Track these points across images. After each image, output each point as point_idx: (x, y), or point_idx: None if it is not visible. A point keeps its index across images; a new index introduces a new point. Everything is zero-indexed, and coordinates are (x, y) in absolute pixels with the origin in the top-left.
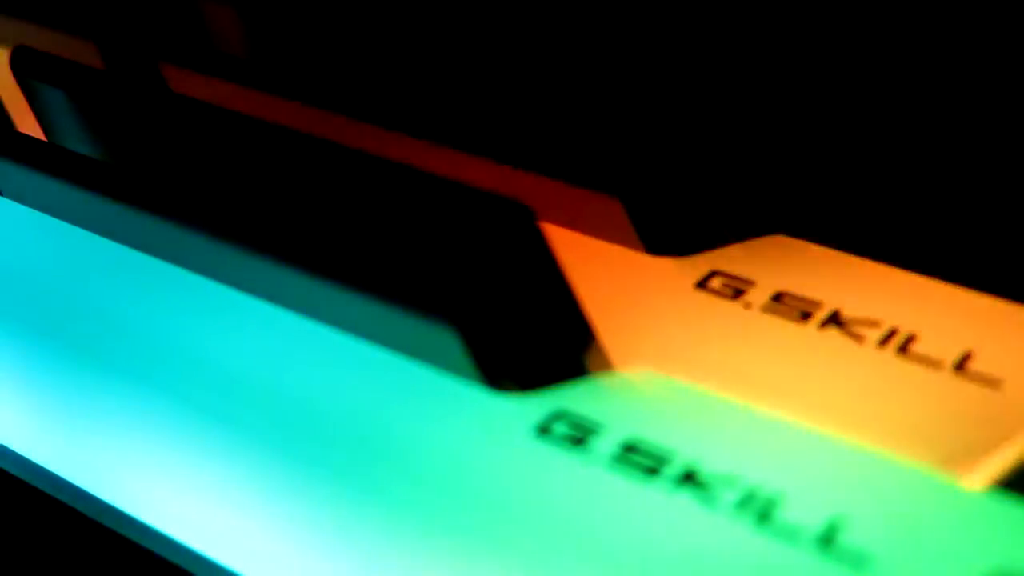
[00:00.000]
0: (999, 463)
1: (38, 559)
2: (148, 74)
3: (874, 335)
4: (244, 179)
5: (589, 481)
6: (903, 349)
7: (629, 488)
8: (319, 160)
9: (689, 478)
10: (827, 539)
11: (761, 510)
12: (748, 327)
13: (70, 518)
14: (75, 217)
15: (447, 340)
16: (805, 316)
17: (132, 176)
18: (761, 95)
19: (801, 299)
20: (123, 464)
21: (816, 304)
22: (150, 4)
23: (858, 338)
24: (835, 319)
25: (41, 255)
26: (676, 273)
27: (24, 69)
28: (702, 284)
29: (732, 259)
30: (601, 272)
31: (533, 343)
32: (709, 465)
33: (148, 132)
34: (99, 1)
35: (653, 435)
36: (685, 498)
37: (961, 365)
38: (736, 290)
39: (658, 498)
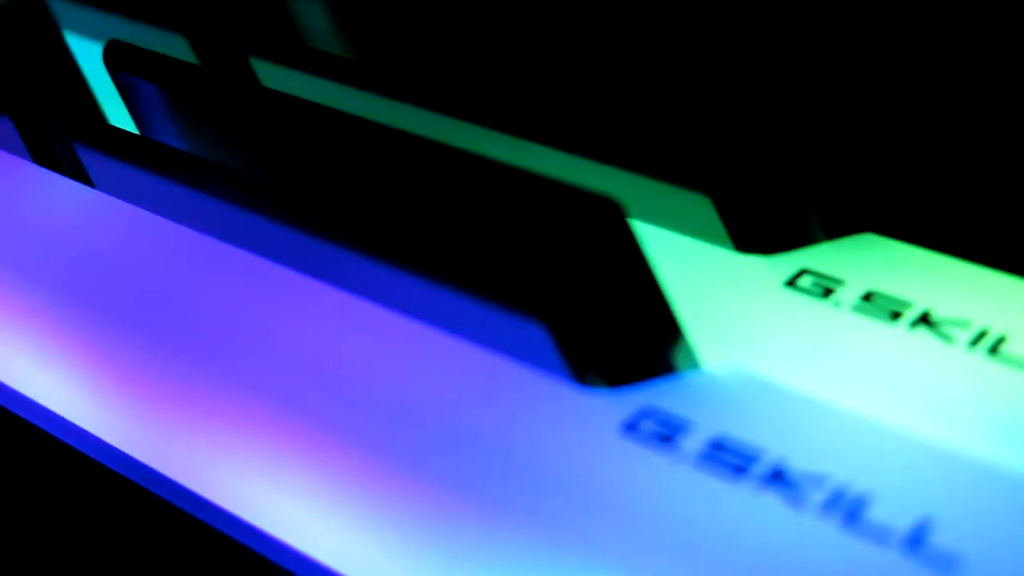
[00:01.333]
0: None
1: (137, 554)
2: (239, 68)
3: (964, 336)
4: (335, 174)
5: (676, 479)
6: (994, 350)
7: (716, 486)
8: (409, 155)
9: (777, 477)
10: (915, 540)
11: (848, 510)
12: (837, 326)
13: (170, 515)
14: (166, 210)
15: (537, 336)
16: (895, 316)
17: (222, 170)
18: (851, 92)
19: (891, 298)
20: (221, 460)
21: (906, 304)
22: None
23: (948, 338)
24: (925, 319)
25: (133, 247)
26: (765, 271)
27: (117, 63)
28: (791, 282)
29: (822, 257)
30: (690, 269)
31: (622, 339)
32: (797, 464)
33: (238, 126)
34: None
35: (741, 433)
36: (772, 497)
37: None
38: (826, 289)
39: (745, 497)
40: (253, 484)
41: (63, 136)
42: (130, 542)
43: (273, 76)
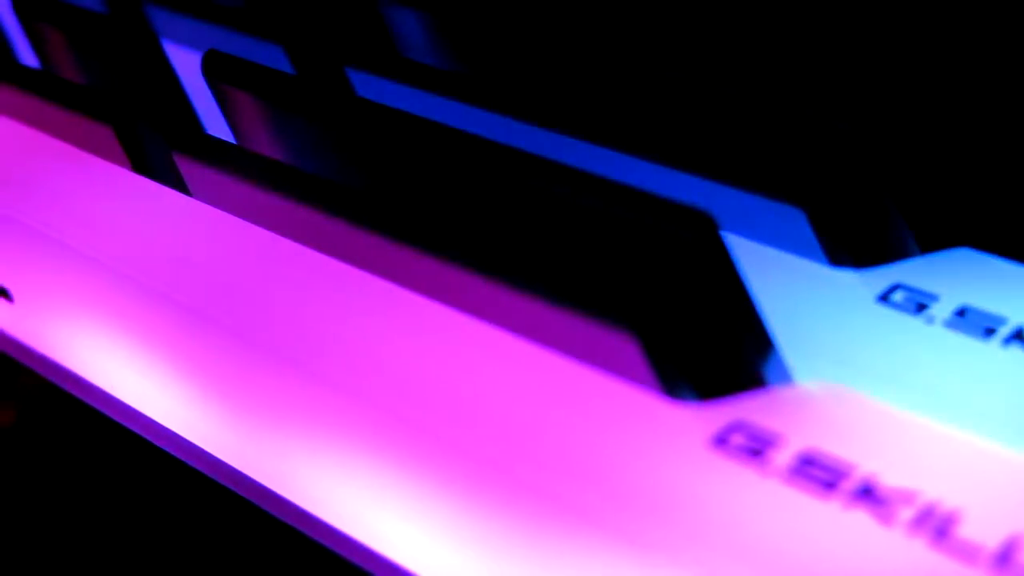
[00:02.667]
0: None
1: (223, 555)
2: (335, 79)
3: None
4: (428, 185)
5: (765, 493)
6: None
7: (805, 502)
8: (502, 167)
9: (867, 493)
10: (1004, 558)
11: (938, 527)
12: (930, 341)
13: (258, 518)
14: (262, 218)
15: (627, 348)
16: (989, 332)
17: (317, 180)
18: (949, 106)
19: (985, 315)
20: (314, 467)
21: (1001, 320)
22: (337, 9)
23: None
24: (1019, 335)
25: (228, 255)
26: (858, 285)
27: (215, 73)
28: (884, 297)
29: (916, 272)
30: (783, 282)
31: (713, 352)
32: (887, 480)
33: (333, 136)
34: (288, 6)
35: (832, 448)
36: (861, 514)
37: None
38: (919, 304)
39: (834, 513)
40: (344, 491)
41: (161, 145)
42: (224, 546)
43: (368, 86)
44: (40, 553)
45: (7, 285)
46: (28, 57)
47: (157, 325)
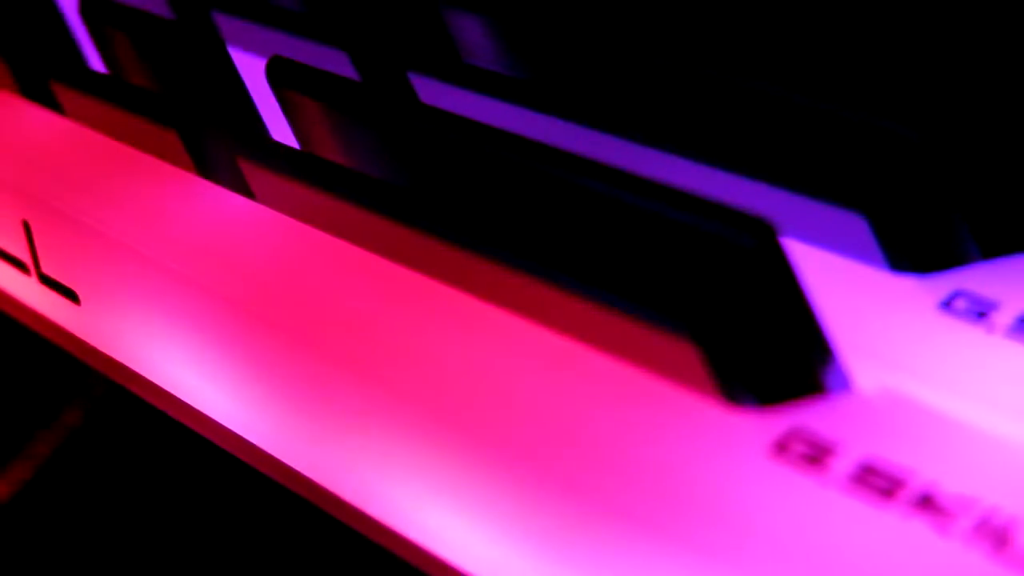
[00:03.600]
0: None
1: (287, 559)
2: (398, 84)
3: None
4: (492, 191)
5: (824, 501)
6: None
7: (864, 510)
8: (563, 172)
9: (926, 501)
10: None
11: (998, 536)
12: (991, 349)
13: (320, 519)
14: (326, 223)
15: (685, 353)
16: None
17: (381, 185)
18: (1012, 108)
19: None
20: (377, 472)
21: None
22: (401, 15)
23: None
24: None
25: (293, 260)
26: (919, 291)
27: (279, 78)
28: (946, 304)
29: (978, 278)
30: (843, 288)
31: (772, 358)
32: (946, 488)
33: (397, 142)
34: (351, 12)
35: (891, 456)
36: (920, 523)
37: None
38: (980, 312)
39: (893, 522)
40: (406, 496)
41: (226, 150)
42: (285, 547)
43: (432, 92)
44: (106, 552)
45: (74, 287)
46: (96, 62)
47: (220, 328)
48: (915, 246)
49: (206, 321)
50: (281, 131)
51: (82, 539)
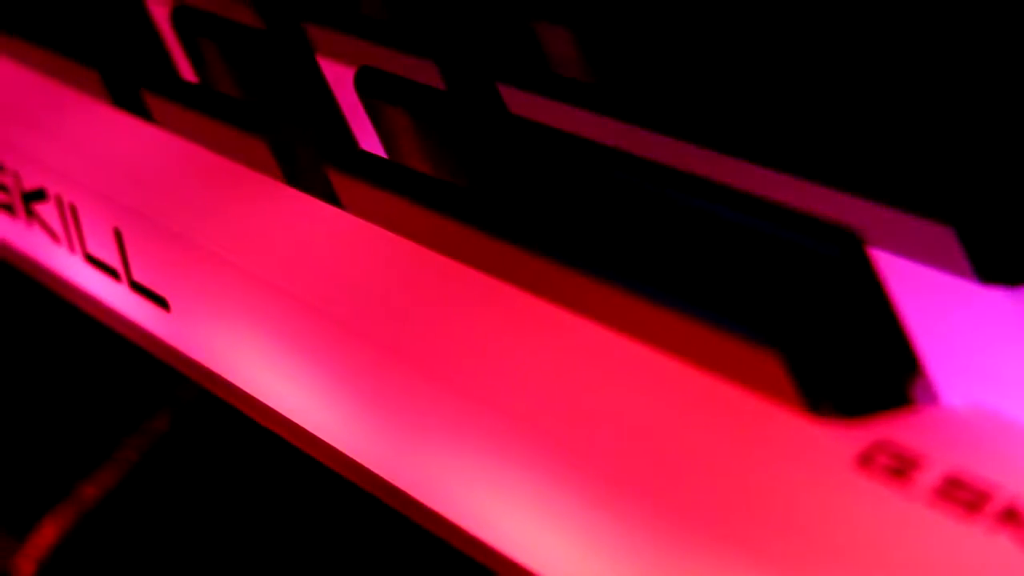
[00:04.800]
0: None
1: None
2: (486, 94)
3: None
4: (579, 201)
5: (908, 515)
6: None
7: (948, 524)
8: (650, 182)
9: (1010, 516)
10: None
11: None
12: None
13: (404, 526)
14: (413, 232)
15: (769, 363)
16: None
17: (468, 194)
18: None
19: None
20: (461, 479)
21: None
22: (489, 26)
23: None
24: None
25: (380, 268)
26: (1007, 303)
27: (367, 88)
28: None
29: None
30: (930, 300)
31: (857, 370)
32: None
33: (485, 152)
34: (440, 22)
35: (977, 470)
36: (1004, 538)
37: None
38: None
39: (977, 536)
40: (488, 502)
41: (314, 159)
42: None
43: (520, 102)
44: (192, 556)
45: (164, 294)
46: (186, 71)
47: (307, 335)
48: (1004, 258)
49: (293, 328)
50: (369, 140)
51: (168, 543)
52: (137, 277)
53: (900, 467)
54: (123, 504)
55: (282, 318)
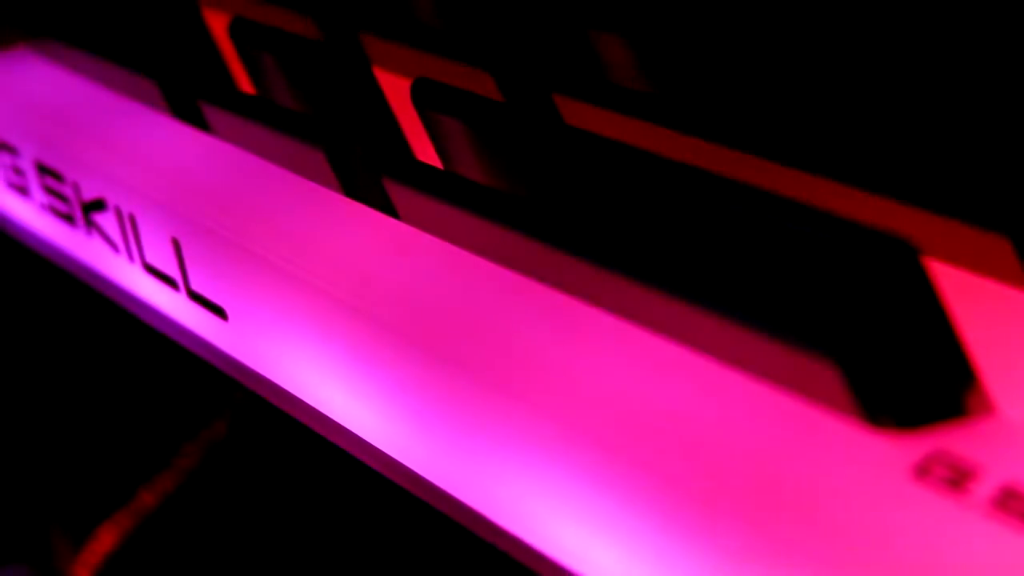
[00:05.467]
0: None
1: (423, 572)
2: (542, 105)
3: None
4: (636, 212)
5: (965, 526)
6: None
7: (1006, 535)
8: (706, 193)
9: None
10: None
11: None
12: None
13: (460, 535)
14: (470, 242)
15: (825, 374)
16: None
17: (524, 205)
18: None
19: None
20: (511, 485)
21: None
22: (545, 36)
23: None
24: None
25: (436, 278)
26: None
27: (424, 99)
28: None
29: None
30: (987, 311)
31: (914, 380)
32: None
33: (541, 163)
34: (496, 33)
35: None
36: None
37: None
38: None
39: None
40: (548, 513)
41: (371, 169)
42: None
43: (577, 113)
44: (249, 561)
45: (222, 304)
46: (244, 82)
47: (364, 344)
48: None
49: (349, 337)
50: (425, 151)
51: (224, 550)
52: (195, 286)
53: (956, 478)
54: (180, 511)
55: (339, 327)
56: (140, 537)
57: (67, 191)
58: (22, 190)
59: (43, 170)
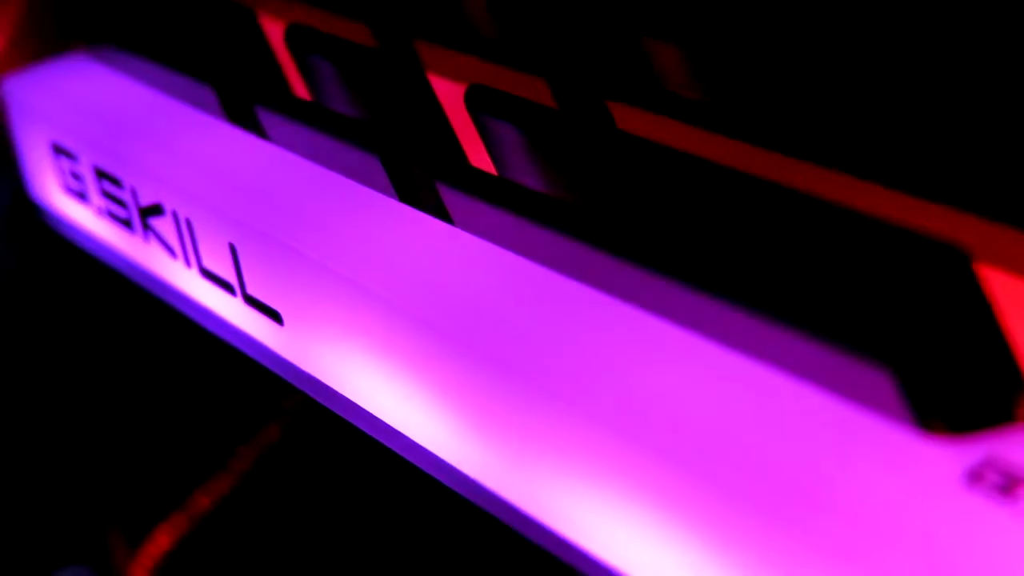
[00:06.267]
0: None
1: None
2: (596, 112)
3: None
4: (687, 218)
5: (1017, 531)
6: None
7: None
8: (760, 199)
9: None
10: None
11: None
12: None
13: (515, 542)
14: (523, 248)
15: (878, 380)
16: None
17: (578, 211)
18: None
19: None
20: (563, 490)
21: None
22: (598, 43)
23: None
24: None
25: (489, 283)
26: None
27: (478, 105)
28: None
29: None
30: None
31: (966, 386)
32: None
33: (594, 169)
34: (550, 39)
35: None
36: None
37: None
38: None
39: None
40: (598, 516)
41: (426, 175)
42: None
43: (628, 120)
44: (302, 563)
45: (278, 308)
46: (299, 88)
47: (418, 350)
48: None
49: (403, 341)
50: (479, 157)
51: (278, 550)
52: (251, 291)
53: (1008, 484)
54: (235, 513)
55: (393, 331)
56: (195, 539)
57: (125, 196)
58: (81, 195)
59: (101, 175)
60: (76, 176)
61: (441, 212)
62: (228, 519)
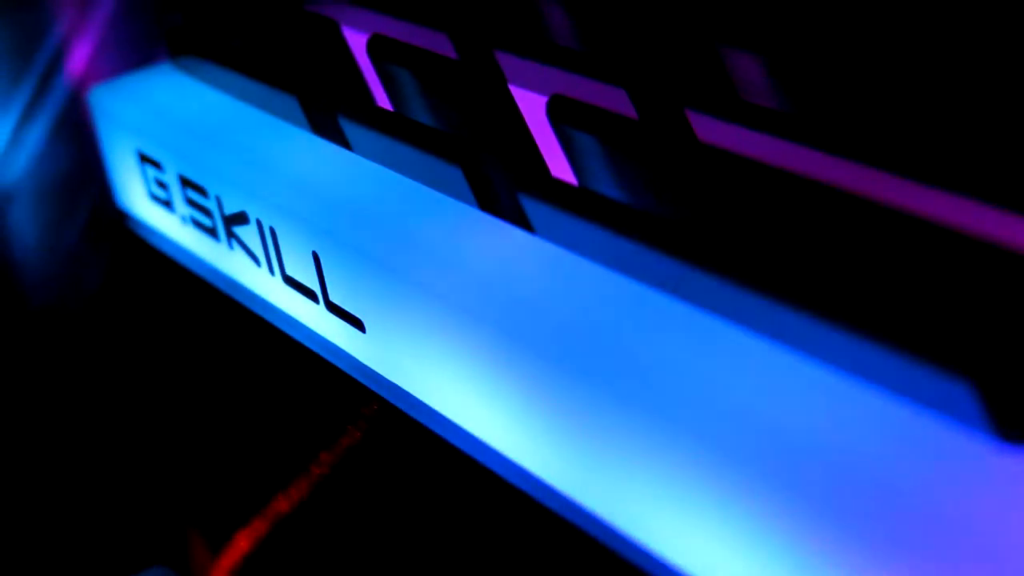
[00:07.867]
0: None
1: None
2: (676, 122)
3: None
4: (768, 228)
5: None
6: None
7: None
8: (842, 210)
9: None
10: None
11: None
12: None
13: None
14: (603, 257)
15: (963, 392)
16: None
17: (658, 221)
18: None
19: None
20: (637, 494)
21: None
22: (678, 53)
23: None
24: None
25: (569, 291)
26: None
27: (559, 115)
28: None
29: None
30: None
31: None
32: None
33: (674, 179)
34: (630, 50)
35: None
36: None
37: None
38: None
39: None
40: (681, 528)
41: (507, 185)
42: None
43: (710, 129)
44: (382, 569)
45: (360, 315)
46: (381, 98)
47: (499, 357)
48: None
49: (485, 350)
50: (560, 167)
51: (356, 556)
52: (334, 299)
53: None
54: (314, 518)
55: (474, 340)
56: (275, 542)
57: (210, 205)
58: (166, 203)
59: (186, 184)
60: (161, 184)
61: (522, 221)
62: (307, 524)
